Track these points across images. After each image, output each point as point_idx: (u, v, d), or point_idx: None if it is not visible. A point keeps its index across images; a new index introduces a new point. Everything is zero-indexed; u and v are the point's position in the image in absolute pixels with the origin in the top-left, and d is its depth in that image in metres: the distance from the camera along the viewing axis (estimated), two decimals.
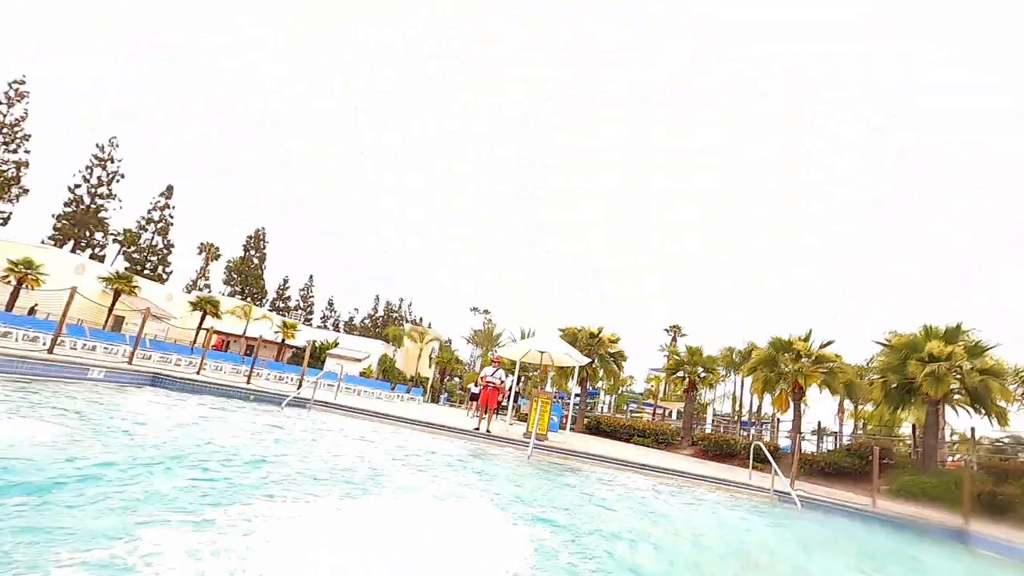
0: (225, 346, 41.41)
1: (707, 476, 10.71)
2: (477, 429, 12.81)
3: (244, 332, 36.66)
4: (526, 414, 21.38)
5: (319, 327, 58.03)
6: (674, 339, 44.27)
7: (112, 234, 50.63)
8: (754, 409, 28.08)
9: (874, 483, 10.47)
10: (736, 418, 27.59)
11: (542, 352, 13.62)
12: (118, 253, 51.80)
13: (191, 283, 57.63)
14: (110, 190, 47.32)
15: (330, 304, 66.77)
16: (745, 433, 24.30)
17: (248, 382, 14.48)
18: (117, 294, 28.50)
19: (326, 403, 13.29)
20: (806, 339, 16.27)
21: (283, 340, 33.67)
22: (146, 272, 51.25)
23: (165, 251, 54.68)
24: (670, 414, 32.48)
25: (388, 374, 38.66)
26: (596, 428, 21.97)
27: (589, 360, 17.22)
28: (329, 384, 23.07)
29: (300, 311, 62.79)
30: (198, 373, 14.25)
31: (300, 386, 14.22)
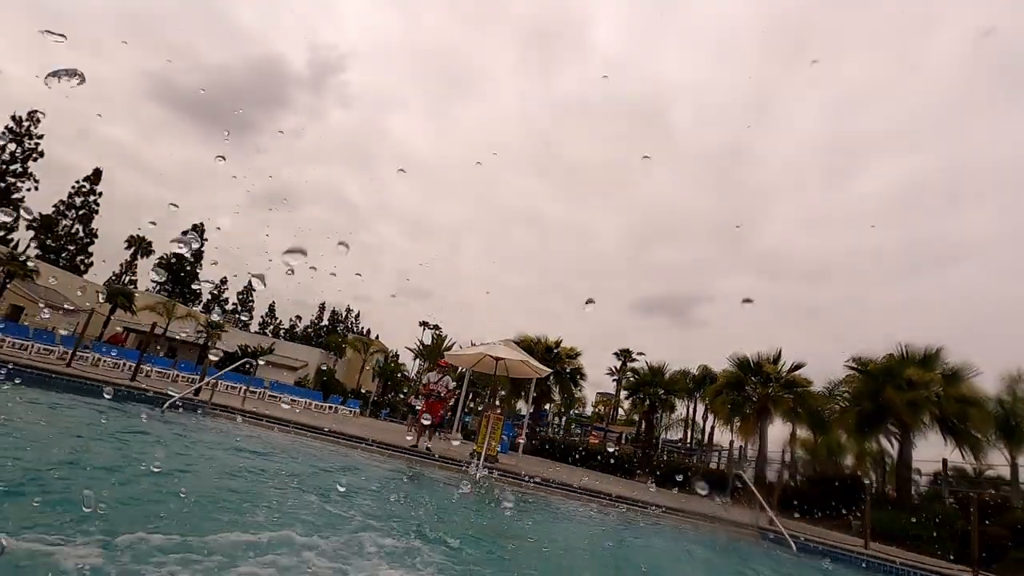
0: (144, 345, 36.70)
1: (685, 511, 8.88)
2: (414, 447, 10.50)
3: (165, 331, 32.45)
4: (473, 432, 19.08)
5: (256, 332, 53.27)
6: (624, 363, 43.16)
7: (28, 218, 44.81)
8: (706, 437, 26.95)
9: (866, 522, 8.97)
10: (693, 445, 26.33)
11: (497, 359, 11.56)
12: (32, 240, 45.80)
13: (113, 277, 51.79)
14: (25, 168, 41.85)
15: (271, 310, 61.97)
16: (699, 461, 22.94)
17: (133, 379, 11.55)
18: (8, 277, 24.16)
19: (229, 408, 10.62)
20: (775, 361, 15.08)
21: (206, 342, 29.83)
22: (62, 262, 45.48)
23: (86, 240, 48.93)
24: (620, 438, 30.92)
25: (326, 385, 35.22)
26: (543, 450, 19.94)
27: (551, 371, 15.24)
28: (252, 391, 19.95)
29: (236, 315, 57.78)
30: (68, 365, 11.23)
31: (201, 382, 11.44)
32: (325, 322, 62.29)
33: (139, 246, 54.59)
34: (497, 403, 22.26)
